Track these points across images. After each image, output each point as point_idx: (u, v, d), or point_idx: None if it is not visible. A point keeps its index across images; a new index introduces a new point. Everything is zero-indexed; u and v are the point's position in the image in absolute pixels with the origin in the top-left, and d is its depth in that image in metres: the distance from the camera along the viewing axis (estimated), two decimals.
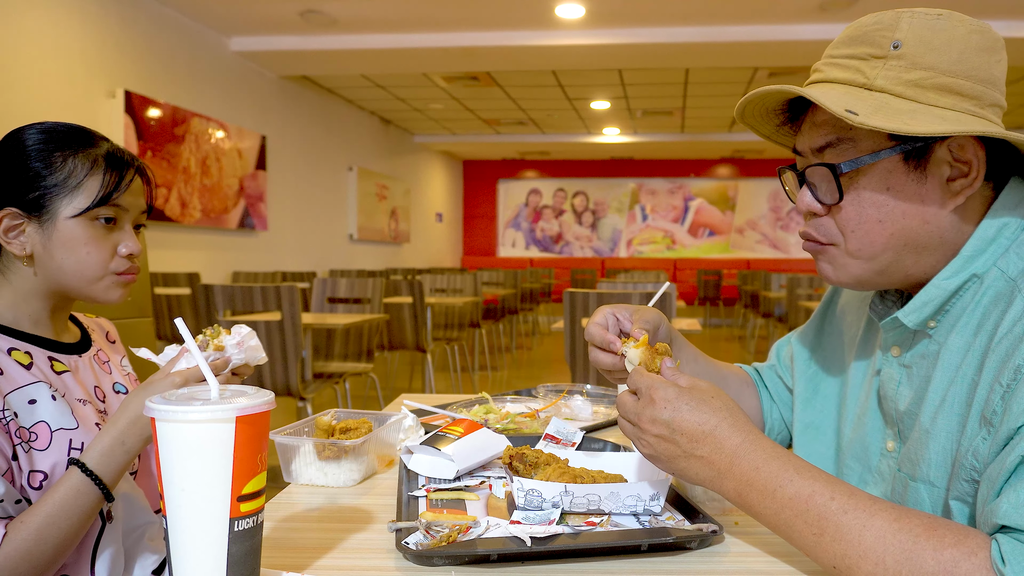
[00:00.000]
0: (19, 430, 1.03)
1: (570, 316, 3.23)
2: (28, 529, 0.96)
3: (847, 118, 0.79)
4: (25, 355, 1.09)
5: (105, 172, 1.10)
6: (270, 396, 0.71)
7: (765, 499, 0.78)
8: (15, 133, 1.11)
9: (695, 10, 6.16)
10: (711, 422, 0.81)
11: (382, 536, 0.89)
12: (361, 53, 7.12)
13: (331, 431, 1.14)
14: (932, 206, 0.84)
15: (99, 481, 1.00)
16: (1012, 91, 8.83)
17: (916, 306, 0.87)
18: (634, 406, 0.85)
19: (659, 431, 0.82)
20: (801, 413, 1.11)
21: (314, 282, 4.61)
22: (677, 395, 0.82)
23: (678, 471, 0.83)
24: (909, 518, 0.71)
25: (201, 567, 0.68)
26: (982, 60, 0.83)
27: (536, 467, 0.97)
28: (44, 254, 1.10)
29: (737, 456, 0.79)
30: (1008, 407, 0.74)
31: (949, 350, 0.85)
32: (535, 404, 1.57)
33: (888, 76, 0.83)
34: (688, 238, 14.79)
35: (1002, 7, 6.00)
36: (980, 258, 0.84)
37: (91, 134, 1.14)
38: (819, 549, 0.74)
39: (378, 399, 5.08)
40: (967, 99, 0.82)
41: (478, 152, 14.37)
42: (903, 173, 0.84)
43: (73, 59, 5.13)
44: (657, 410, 0.82)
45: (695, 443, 0.81)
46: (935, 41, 0.82)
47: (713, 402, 0.82)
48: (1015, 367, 0.74)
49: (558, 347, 9.56)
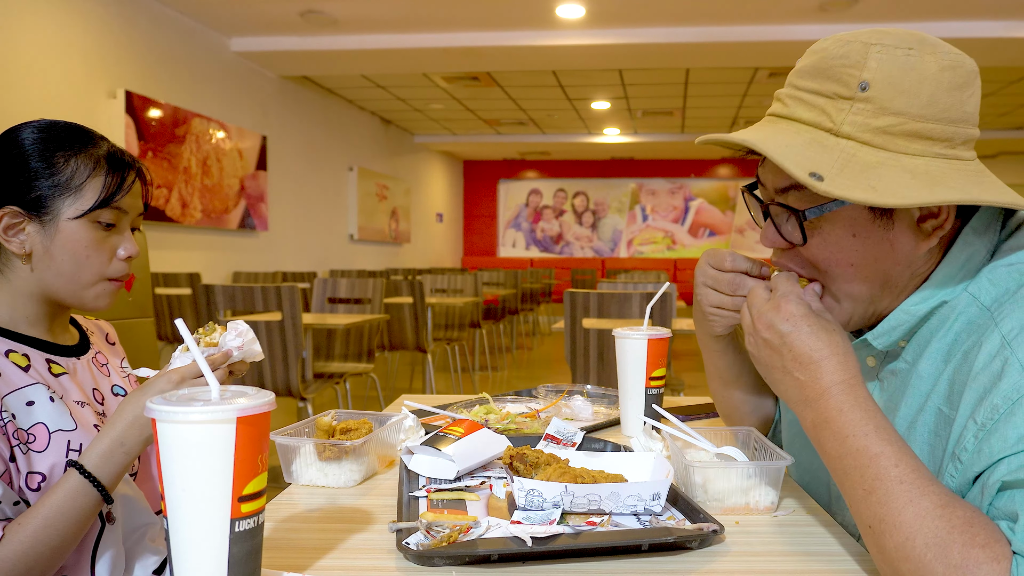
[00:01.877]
0: (17, 431, 1.03)
1: (570, 316, 3.23)
2: (26, 531, 0.96)
3: (811, 185, 0.77)
4: (23, 357, 1.09)
5: (107, 174, 1.10)
6: (271, 396, 0.71)
7: (835, 441, 0.78)
8: (13, 131, 1.10)
9: (695, 10, 6.16)
10: (823, 352, 0.81)
11: (383, 536, 0.89)
12: (361, 53, 7.12)
13: (331, 432, 1.14)
14: (903, 248, 0.84)
15: (97, 483, 0.99)
16: (1012, 91, 8.83)
17: (885, 330, 0.87)
18: (761, 303, 0.85)
19: (770, 336, 0.83)
20: (786, 409, 1.12)
21: (314, 282, 4.61)
22: (804, 314, 0.82)
23: (771, 380, 0.85)
24: (955, 508, 0.71)
25: (202, 568, 0.68)
26: (954, 99, 0.79)
27: (537, 467, 0.97)
28: (44, 254, 1.09)
29: (830, 393, 0.80)
30: (982, 447, 0.73)
31: (919, 375, 0.85)
32: (535, 404, 1.57)
33: (855, 122, 0.80)
34: (688, 238, 14.79)
35: (1003, 7, 6.00)
36: (950, 284, 0.83)
37: (91, 133, 1.14)
38: (863, 505, 0.75)
39: (378, 399, 5.08)
40: (938, 142, 0.79)
41: (478, 152, 14.37)
42: (868, 220, 0.83)
43: (74, 59, 5.13)
44: (779, 318, 0.83)
45: (799, 364, 0.82)
46: (905, 83, 0.78)
47: (834, 335, 0.82)
48: (992, 406, 0.73)
49: (558, 347, 9.56)
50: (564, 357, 3.32)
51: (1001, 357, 0.74)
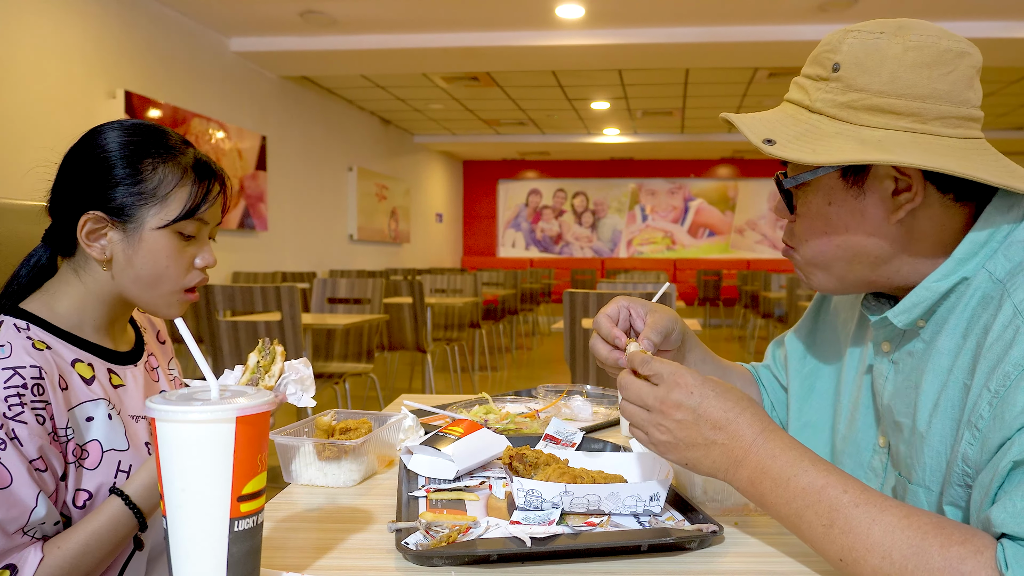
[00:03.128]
0: (75, 448, 1.03)
1: (570, 316, 3.23)
2: (65, 556, 0.96)
3: (763, 149, 0.84)
4: (87, 367, 1.08)
5: (193, 183, 1.08)
6: (270, 396, 0.71)
7: (778, 488, 0.78)
8: (98, 132, 1.07)
9: (695, 10, 6.16)
10: (734, 411, 0.82)
11: (382, 536, 0.89)
12: (361, 53, 7.12)
13: (331, 431, 1.14)
14: (873, 220, 0.87)
15: (139, 513, 1.01)
16: (1012, 91, 8.83)
17: (906, 307, 0.88)
18: (653, 390, 0.85)
19: (684, 416, 0.83)
20: (797, 412, 1.12)
21: (314, 282, 4.61)
22: (703, 383, 0.83)
23: (692, 459, 0.84)
24: (918, 516, 0.72)
25: (201, 567, 0.68)
26: (919, 76, 0.83)
27: (536, 467, 0.97)
28: (124, 261, 1.07)
29: (755, 445, 0.80)
30: (997, 413, 0.74)
31: (938, 352, 0.86)
32: (535, 404, 1.57)
33: (824, 99, 0.87)
34: (688, 238, 14.79)
35: (1002, 7, 6.00)
36: (970, 261, 0.84)
37: (177, 138, 1.11)
38: (827, 541, 0.75)
39: (378, 399, 5.08)
40: (903, 117, 0.83)
41: (478, 152, 14.37)
42: (842, 189, 0.88)
43: (73, 59, 5.13)
44: (684, 394, 0.83)
45: (717, 429, 0.82)
46: (868, 62, 0.85)
47: (733, 392, 0.84)
48: (1004, 373, 0.74)
49: (558, 347, 9.56)
50: (564, 357, 3.32)
51: (1013, 326, 0.75)
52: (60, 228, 1.09)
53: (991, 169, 0.81)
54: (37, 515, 0.95)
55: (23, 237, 1.21)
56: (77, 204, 1.05)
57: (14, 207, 1.28)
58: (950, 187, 0.85)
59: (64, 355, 1.06)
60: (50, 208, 1.10)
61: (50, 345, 1.05)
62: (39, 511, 0.95)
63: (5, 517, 0.92)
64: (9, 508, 0.92)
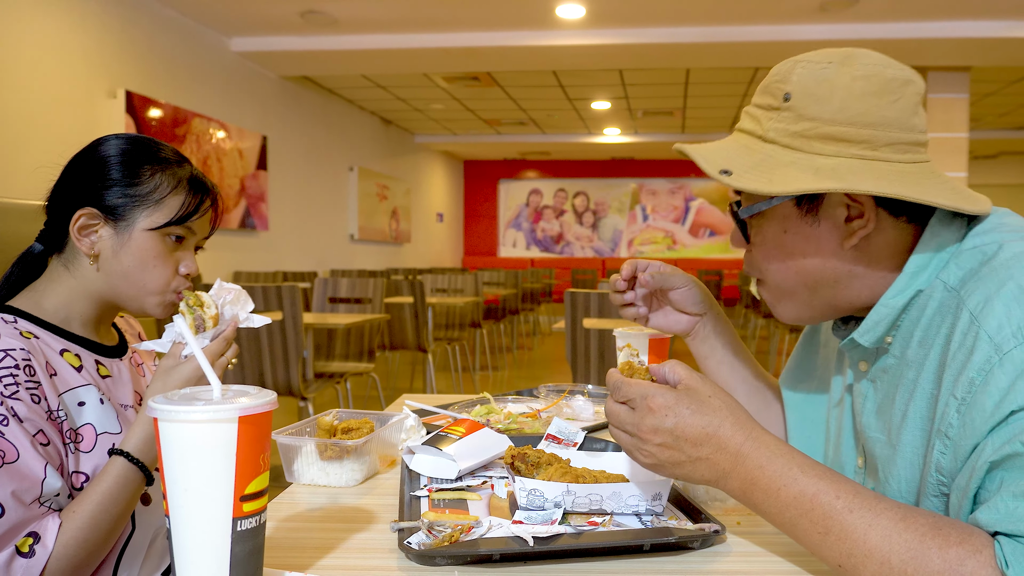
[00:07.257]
0: (69, 431, 1.05)
1: (571, 316, 3.23)
2: (83, 518, 0.99)
3: (720, 179, 0.85)
4: (75, 357, 1.12)
5: (187, 194, 1.14)
6: (272, 396, 0.71)
7: (769, 498, 0.78)
8: (100, 141, 1.14)
9: (695, 10, 6.16)
10: (713, 423, 0.80)
11: (384, 536, 0.89)
12: (361, 53, 7.12)
13: (333, 431, 1.15)
14: (829, 245, 0.88)
15: (143, 466, 1.03)
16: (1012, 91, 8.83)
17: (868, 326, 0.89)
18: (630, 416, 0.83)
19: (662, 440, 0.81)
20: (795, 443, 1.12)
21: (315, 282, 4.61)
22: (676, 400, 0.81)
23: (682, 476, 0.83)
24: (915, 517, 0.72)
25: (204, 567, 0.68)
26: (868, 105, 0.84)
27: (538, 467, 0.97)
28: (112, 258, 1.12)
29: (741, 455, 0.79)
30: (966, 420, 0.74)
31: (906, 364, 0.86)
32: (536, 404, 1.57)
33: (777, 128, 0.88)
34: (689, 238, 14.79)
35: (1002, 7, 6.00)
36: (922, 274, 0.85)
37: (176, 154, 1.18)
38: (825, 547, 0.75)
39: (379, 399, 5.08)
40: (854, 144, 0.84)
41: (479, 152, 14.37)
42: (797, 217, 0.89)
43: (74, 59, 5.13)
44: (658, 418, 0.80)
45: (699, 446, 0.80)
46: (818, 92, 0.86)
47: (712, 401, 0.81)
48: (969, 379, 0.74)
49: (559, 347, 9.56)
50: (565, 357, 3.32)
51: (972, 333, 0.76)
52: (54, 225, 1.13)
53: (943, 192, 0.83)
54: (50, 486, 0.98)
55: (24, 237, 1.22)
56: (73, 201, 1.11)
57: (15, 207, 1.29)
58: (902, 211, 0.86)
59: (52, 344, 1.09)
60: (47, 206, 1.15)
61: (37, 335, 1.08)
62: (51, 482, 0.98)
63: (19, 488, 0.95)
64: (21, 480, 0.95)
